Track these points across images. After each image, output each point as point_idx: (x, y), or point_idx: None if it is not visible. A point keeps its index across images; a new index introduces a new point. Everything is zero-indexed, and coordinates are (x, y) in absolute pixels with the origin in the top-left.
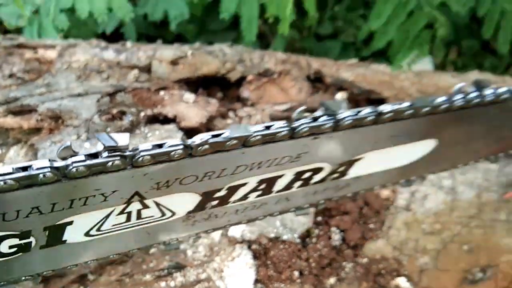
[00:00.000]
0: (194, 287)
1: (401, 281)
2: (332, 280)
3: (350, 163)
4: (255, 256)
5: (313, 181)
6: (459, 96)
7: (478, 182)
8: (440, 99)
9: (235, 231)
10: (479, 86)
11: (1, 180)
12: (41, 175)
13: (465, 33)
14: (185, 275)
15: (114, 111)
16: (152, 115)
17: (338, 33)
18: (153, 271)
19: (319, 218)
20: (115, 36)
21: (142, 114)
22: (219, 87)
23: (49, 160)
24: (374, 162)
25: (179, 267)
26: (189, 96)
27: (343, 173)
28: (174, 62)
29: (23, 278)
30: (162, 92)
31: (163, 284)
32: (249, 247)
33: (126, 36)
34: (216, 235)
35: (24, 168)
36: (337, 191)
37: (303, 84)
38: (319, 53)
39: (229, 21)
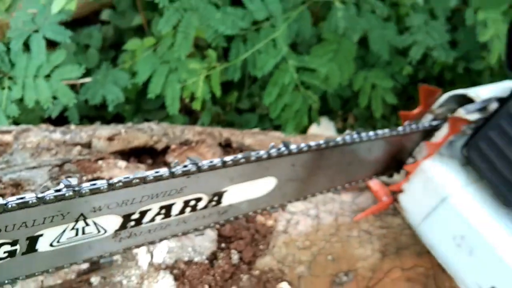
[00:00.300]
0: None
1: (284, 285)
2: None
3: (220, 194)
4: (175, 277)
5: (199, 207)
6: (273, 150)
7: (336, 210)
8: (262, 152)
9: (159, 258)
10: (286, 144)
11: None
12: (29, 201)
13: (353, 103)
14: None
15: (63, 177)
16: (92, 178)
17: (255, 107)
18: None
19: (222, 244)
20: (60, 119)
21: (84, 178)
22: (149, 155)
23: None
24: (237, 193)
25: None
26: (122, 163)
27: (218, 201)
28: (110, 138)
29: (6, 281)
30: (100, 162)
31: None
32: (170, 271)
33: (70, 118)
34: (145, 264)
35: (20, 198)
36: (220, 216)
37: (216, 149)
38: (240, 124)
39: (161, 101)
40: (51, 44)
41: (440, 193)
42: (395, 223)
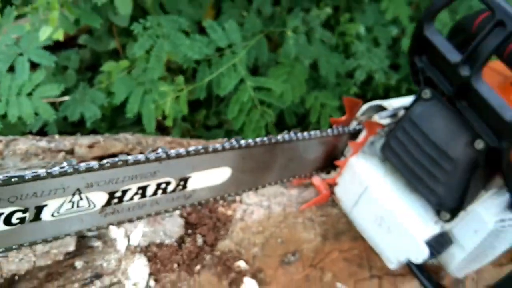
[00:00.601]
0: None
1: (241, 263)
2: (198, 266)
3: (185, 179)
4: (148, 259)
5: (168, 190)
6: (227, 143)
7: (285, 202)
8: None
9: (135, 242)
10: (237, 139)
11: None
12: (41, 174)
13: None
14: (102, 281)
15: None
16: None
17: (222, 123)
18: (79, 281)
19: (189, 230)
20: (40, 134)
21: None
22: None
23: (45, 169)
24: (199, 180)
25: (98, 276)
26: None
27: (184, 186)
28: (90, 146)
29: (14, 247)
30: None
31: None
32: (144, 254)
33: (49, 133)
34: (122, 249)
35: (34, 172)
36: (186, 199)
37: None
38: (208, 138)
39: (134, 119)
40: (32, 65)
41: (363, 184)
42: (333, 212)
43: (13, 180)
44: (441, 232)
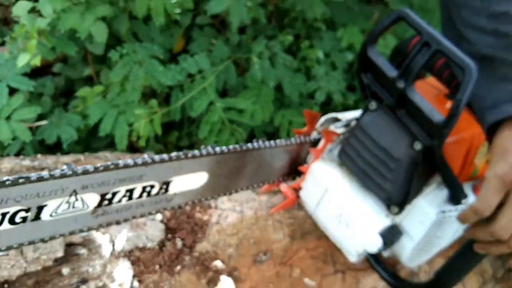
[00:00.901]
0: None
1: (218, 263)
2: (178, 267)
3: (167, 183)
4: (132, 262)
5: (152, 193)
6: (204, 150)
7: (256, 206)
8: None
9: (119, 247)
10: (212, 146)
11: (30, 177)
12: (44, 176)
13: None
14: (88, 286)
15: None
16: None
17: (194, 144)
18: (66, 286)
19: (169, 235)
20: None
21: None
22: None
23: (48, 172)
24: (180, 184)
25: (84, 281)
26: None
27: (166, 189)
28: (74, 163)
29: (15, 246)
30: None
31: None
32: (128, 258)
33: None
34: (107, 254)
35: (38, 174)
36: (168, 202)
37: None
38: None
39: (108, 140)
40: (10, 91)
41: (323, 186)
42: (300, 215)
43: (20, 180)
44: (392, 224)
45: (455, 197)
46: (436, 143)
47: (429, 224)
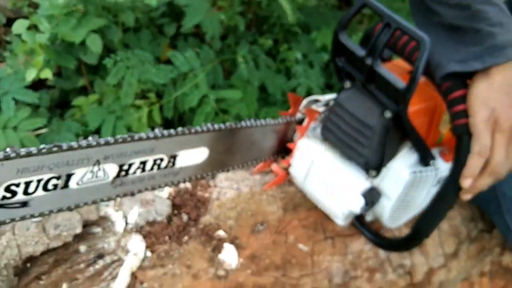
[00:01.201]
0: (110, 266)
1: (221, 232)
2: (186, 237)
3: (174, 156)
4: (144, 236)
5: (162, 166)
6: (204, 126)
7: (251, 184)
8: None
9: (131, 222)
10: (212, 123)
11: (62, 146)
12: (73, 145)
13: None
14: (105, 260)
15: None
16: None
17: None
18: (84, 262)
19: (175, 211)
20: None
21: None
22: None
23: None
24: (185, 158)
25: (101, 256)
26: None
27: (173, 163)
28: None
29: (46, 212)
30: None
31: (91, 268)
32: (140, 232)
33: None
34: (120, 230)
35: (68, 144)
36: (175, 176)
37: None
38: None
39: None
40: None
41: (310, 160)
42: (291, 190)
43: (53, 149)
44: (371, 186)
45: (424, 158)
46: (401, 108)
47: (403, 184)
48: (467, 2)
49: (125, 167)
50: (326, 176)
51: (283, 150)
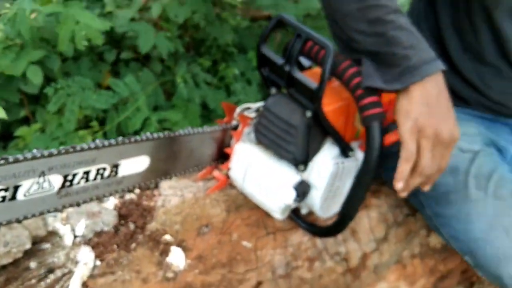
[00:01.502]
0: (61, 279)
1: (167, 237)
2: (134, 244)
3: (116, 165)
4: (92, 246)
5: (105, 175)
6: (144, 136)
7: (194, 191)
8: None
9: (79, 233)
10: (151, 133)
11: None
12: (19, 158)
13: None
14: (55, 274)
15: None
16: None
17: None
18: (35, 277)
19: (122, 221)
20: None
21: None
22: None
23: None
24: (126, 167)
25: (51, 270)
26: None
27: (116, 172)
28: None
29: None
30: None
31: (42, 283)
32: (88, 243)
33: None
34: (69, 244)
35: (14, 157)
36: (118, 185)
37: None
38: None
39: None
40: None
41: (246, 162)
42: (233, 193)
43: (0, 162)
44: (301, 180)
45: (344, 150)
46: (316, 106)
47: (328, 174)
48: (382, 30)
49: (69, 178)
50: (261, 175)
51: (223, 155)
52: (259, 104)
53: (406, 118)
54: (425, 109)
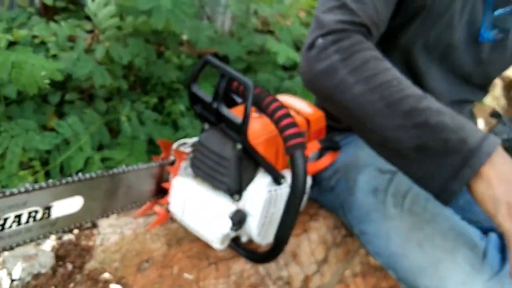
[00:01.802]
0: None
1: (106, 275)
2: (72, 284)
3: (49, 208)
4: None
5: (37, 218)
6: (76, 176)
7: (134, 227)
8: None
9: (16, 277)
10: (81, 173)
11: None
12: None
13: None
14: None
15: None
16: None
17: None
18: None
19: (60, 262)
20: None
21: None
22: None
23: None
24: (60, 208)
25: None
26: None
27: (49, 214)
28: None
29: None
30: None
31: None
32: (26, 285)
33: None
34: (6, 286)
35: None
36: (52, 227)
37: None
38: None
39: None
40: None
41: (184, 196)
42: (173, 226)
43: None
44: (237, 209)
45: (276, 179)
46: (242, 138)
47: (262, 202)
48: (422, 119)
49: (1, 222)
50: (199, 207)
51: (162, 191)
52: (194, 139)
53: (497, 205)
54: (507, 187)
